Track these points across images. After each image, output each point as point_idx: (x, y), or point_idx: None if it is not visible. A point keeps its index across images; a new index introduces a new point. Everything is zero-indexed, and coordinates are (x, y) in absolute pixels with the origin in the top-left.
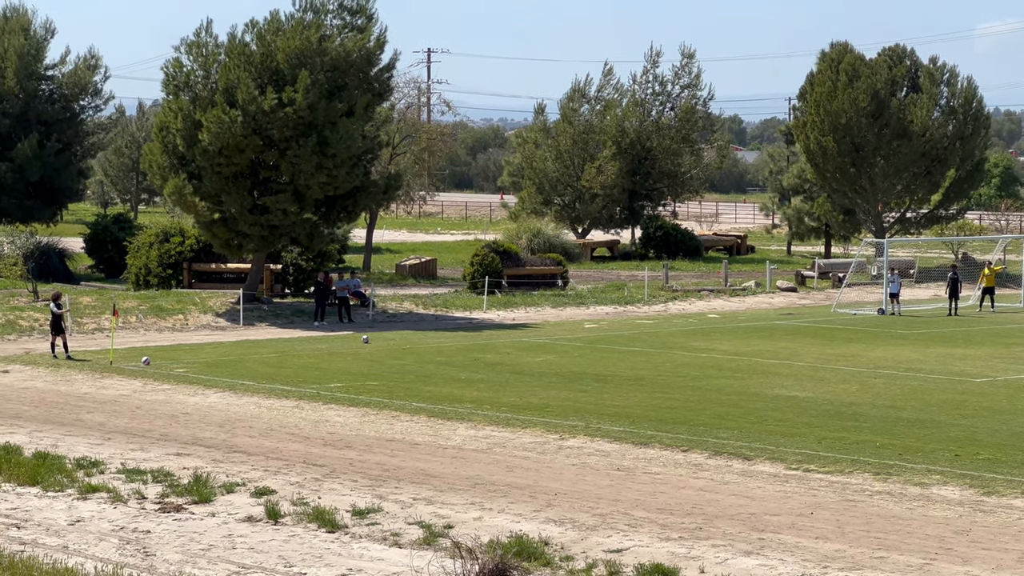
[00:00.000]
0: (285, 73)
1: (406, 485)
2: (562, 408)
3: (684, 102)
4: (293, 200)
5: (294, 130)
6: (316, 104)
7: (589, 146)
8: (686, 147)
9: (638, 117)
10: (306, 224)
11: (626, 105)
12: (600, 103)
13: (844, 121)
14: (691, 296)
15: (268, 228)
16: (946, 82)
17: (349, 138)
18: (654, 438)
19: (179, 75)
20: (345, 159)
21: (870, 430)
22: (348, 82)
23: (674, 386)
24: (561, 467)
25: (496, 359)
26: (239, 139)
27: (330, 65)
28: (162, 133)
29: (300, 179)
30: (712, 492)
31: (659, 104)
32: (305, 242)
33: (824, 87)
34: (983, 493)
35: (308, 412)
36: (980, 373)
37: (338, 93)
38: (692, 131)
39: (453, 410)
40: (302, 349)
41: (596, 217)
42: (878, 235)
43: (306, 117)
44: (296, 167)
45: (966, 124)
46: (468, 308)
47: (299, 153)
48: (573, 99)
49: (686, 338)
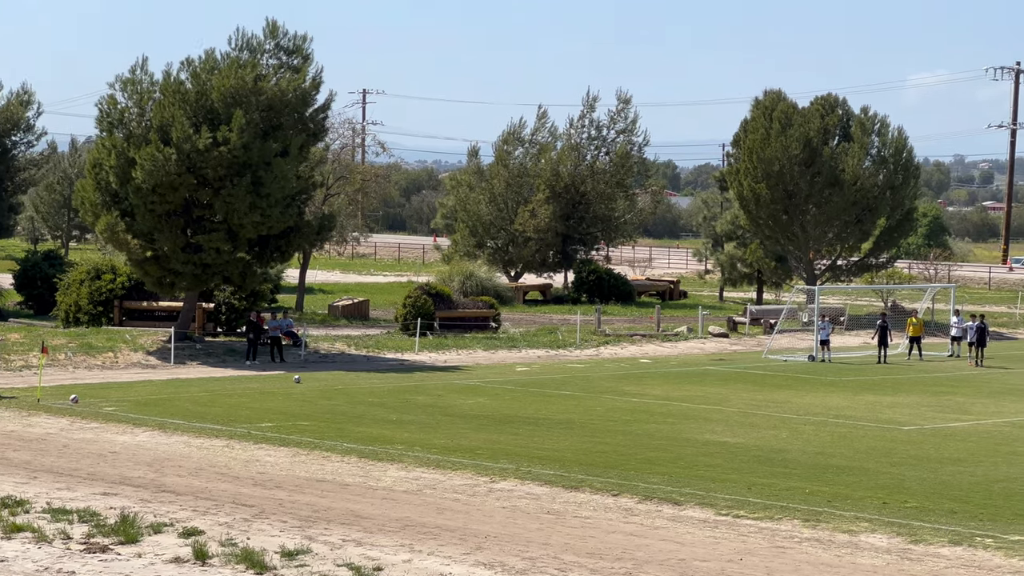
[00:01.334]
0: (220, 112)
1: (336, 526)
2: (493, 451)
3: (619, 147)
4: (226, 239)
5: (228, 169)
6: (251, 143)
7: (523, 189)
8: (620, 192)
9: (573, 161)
10: (239, 263)
11: (561, 149)
12: (535, 146)
13: (777, 168)
14: (623, 340)
15: (201, 267)
16: (877, 132)
17: (283, 178)
18: (585, 482)
19: (113, 112)
20: (279, 199)
21: (800, 476)
22: (283, 122)
23: (605, 430)
24: (491, 510)
25: (428, 401)
26: (173, 177)
27: (265, 105)
28: (95, 170)
29: (234, 218)
30: (642, 537)
31: (594, 148)
32: (238, 281)
33: (757, 134)
34: (910, 541)
35: (239, 452)
36: (908, 421)
37: (273, 133)
38: (626, 176)
39: (384, 451)
40: (233, 388)
41: (529, 260)
42: (809, 282)
43: (240, 156)
44: (230, 206)
45: (896, 174)
46: (400, 349)
47: (233, 192)
48: (507, 142)
49: (618, 382)
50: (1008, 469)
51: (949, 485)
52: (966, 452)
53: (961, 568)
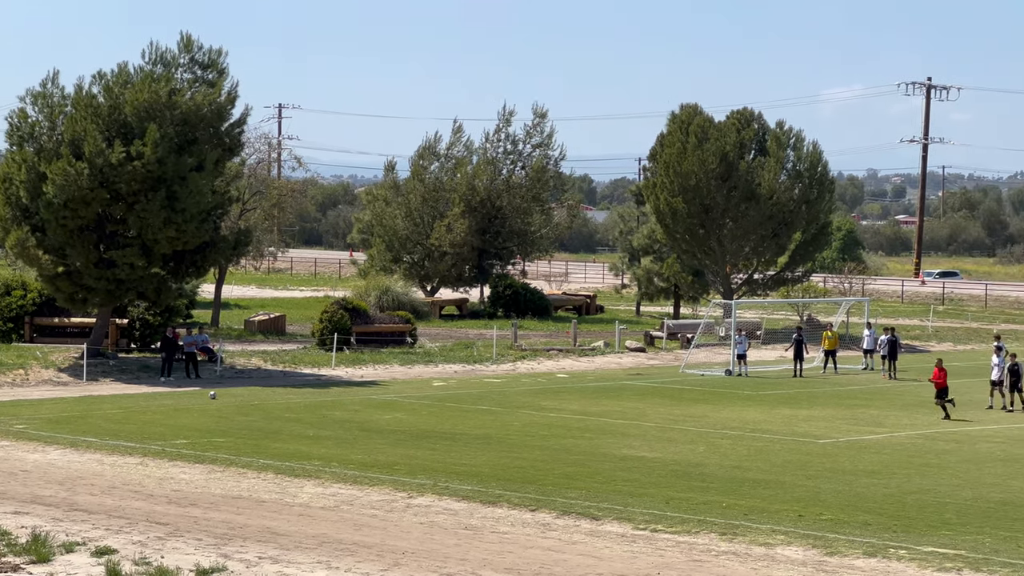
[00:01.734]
0: (134, 126)
1: (252, 543)
2: (410, 466)
3: (535, 161)
4: (141, 254)
5: (142, 184)
6: (165, 158)
7: (439, 204)
8: (536, 206)
9: (489, 175)
10: (154, 279)
11: (477, 163)
12: (450, 161)
13: (693, 182)
14: (540, 355)
15: (114, 282)
16: (792, 146)
17: (199, 193)
18: (502, 497)
19: (24, 126)
20: (194, 214)
21: (717, 490)
22: (198, 136)
23: (523, 445)
24: (409, 525)
25: (344, 416)
26: (85, 192)
27: (180, 119)
28: (4, 184)
29: (148, 233)
30: (560, 552)
31: (510, 163)
32: (152, 297)
33: (674, 148)
34: (826, 553)
35: (153, 469)
36: (824, 434)
37: (188, 147)
38: (543, 190)
39: (300, 467)
40: (148, 405)
41: (445, 275)
42: (726, 296)
43: (155, 171)
44: (144, 221)
45: (811, 188)
46: (317, 365)
47: (147, 207)
48: (423, 156)
49: (535, 397)
50: (921, 481)
51: (864, 497)
52: (880, 464)
53: None
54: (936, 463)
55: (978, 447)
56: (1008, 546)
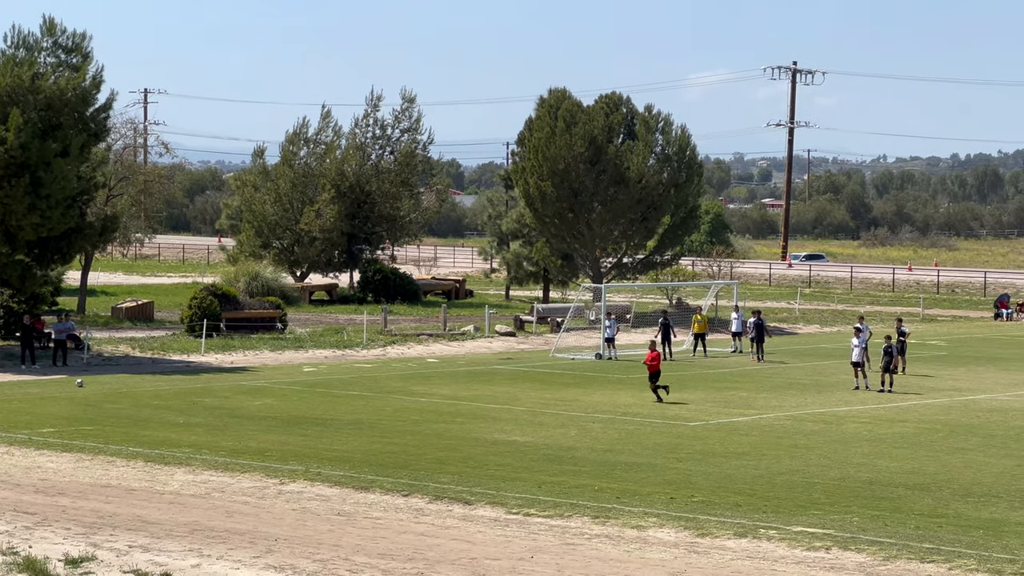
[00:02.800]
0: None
1: (122, 532)
2: (281, 452)
3: (404, 146)
4: (4, 241)
5: (5, 170)
6: (29, 143)
7: (308, 189)
8: (405, 191)
9: (358, 161)
10: (18, 266)
11: (346, 148)
12: (320, 146)
13: (562, 166)
14: (410, 340)
15: None
16: (661, 130)
17: (64, 179)
18: (375, 483)
19: None
20: (59, 200)
21: (588, 474)
22: (63, 121)
23: (394, 430)
24: (281, 512)
25: (214, 403)
26: None
27: (44, 104)
28: None
29: (12, 220)
30: (433, 537)
31: (379, 148)
32: (17, 284)
33: (543, 132)
34: (697, 535)
35: (19, 458)
36: (694, 417)
37: (52, 132)
38: (411, 175)
39: (171, 454)
40: (12, 393)
41: (315, 260)
42: (596, 280)
43: (18, 157)
44: (7, 207)
45: (680, 171)
46: (186, 351)
47: (11, 193)
48: (292, 142)
49: (405, 382)
50: (790, 462)
51: (734, 479)
52: (750, 446)
53: (746, 559)
54: (804, 444)
55: (845, 427)
56: (875, 524)
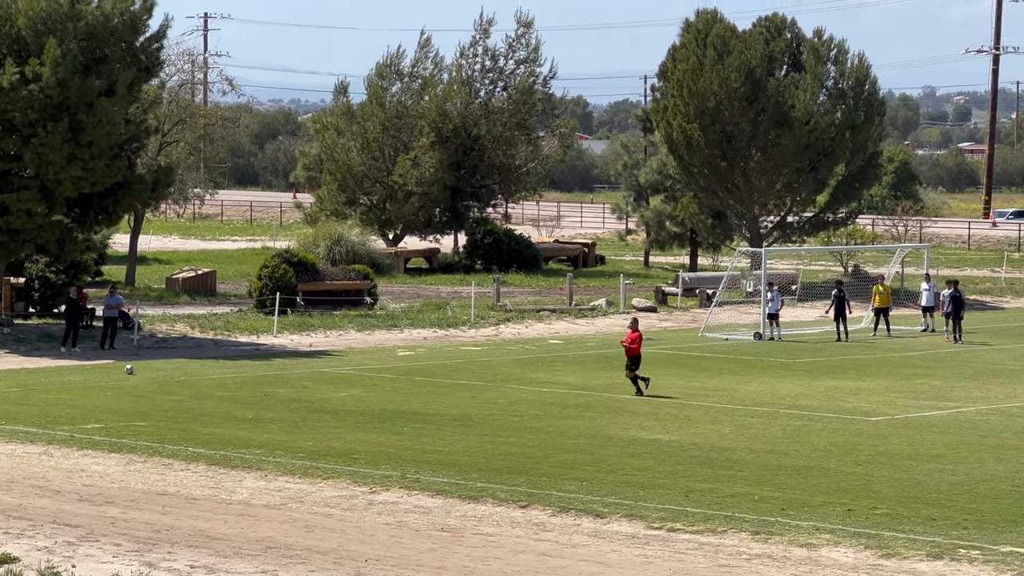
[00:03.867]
0: (29, 42)
1: (181, 549)
2: (372, 454)
3: (520, 81)
4: (39, 198)
5: (40, 113)
6: (68, 81)
7: (403, 133)
8: (521, 135)
9: (463, 98)
10: (55, 228)
11: (448, 83)
12: (416, 81)
13: (713, 105)
14: (528, 317)
15: (8, 232)
16: (834, 60)
17: (109, 123)
18: (485, 491)
19: None
20: (104, 149)
21: (747, 480)
22: (108, 54)
23: (509, 428)
24: (372, 527)
25: (290, 394)
26: None
27: (85, 33)
28: None
29: (48, 173)
30: (557, 557)
31: (489, 83)
32: (54, 250)
33: (689, 64)
34: (881, 555)
35: (59, 460)
36: (875, 411)
37: (95, 67)
38: (529, 116)
39: (239, 457)
40: (51, 382)
41: (411, 220)
42: (754, 243)
43: (55, 97)
44: (43, 158)
45: (857, 110)
46: (255, 331)
47: (47, 141)
48: (383, 76)
49: (523, 369)
50: (996, 466)
51: (926, 487)
52: (945, 447)
53: None
54: (1015, 444)
55: None
56: None
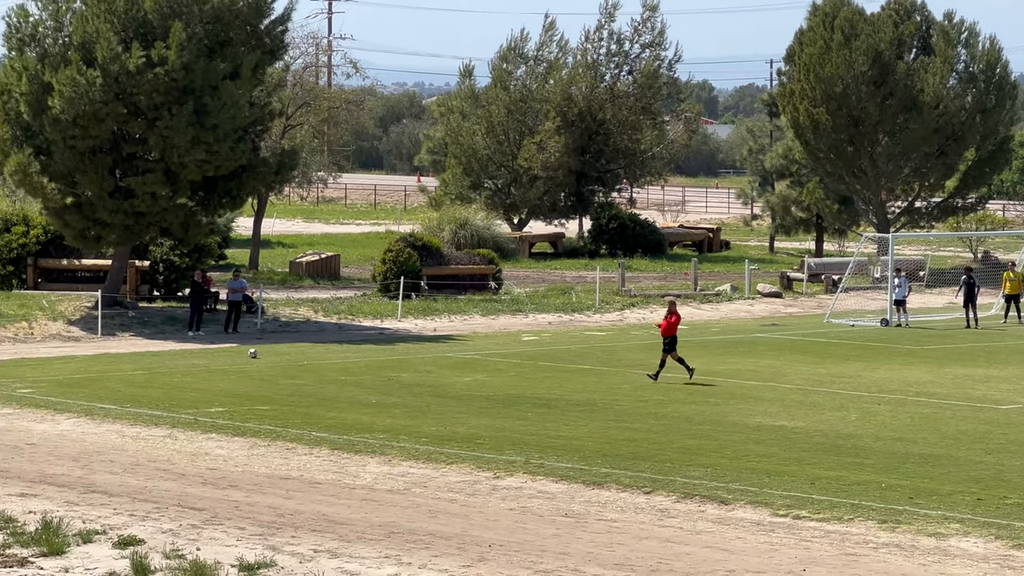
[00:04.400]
0: (155, 26)
1: (305, 534)
2: (496, 439)
3: (645, 64)
4: (164, 182)
5: (166, 96)
6: (193, 64)
7: (528, 117)
8: (647, 119)
9: (588, 82)
10: (180, 211)
11: (574, 67)
12: (541, 64)
13: (840, 89)
14: (653, 302)
15: (133, 216)
16: (964, 43)
17: (234, 106)
18: (609, 477)
19: (24, 26)
20: (228, 132)
21: (873, 468)
22: (232, 37)
23: (633, 413)
24: (495, 512)
25: (414, 379)
26: (98, 106)
27: (210, 16)
28: (2, 98)
29: (173, 156)
30: (682, 544)
31: (614, 67)
32: (179, 233)
33: (816, 47)
34: (1012, 546)
35: (183, 443)
36: (1006, 399)
37: (220, 51)
38: (654, 100)
39: (362, 441)
40: (175, 365)
41: (536, 205)
42: (881, 229)
43: (180, 80)
44: (168, 141)
45: (988, 94)
46: (379, 315)
47: (172, 124)
48: (507, 59)
49: (647, 354)
50: None
51: None
52: None
53: None
54: None
55: None
56: None
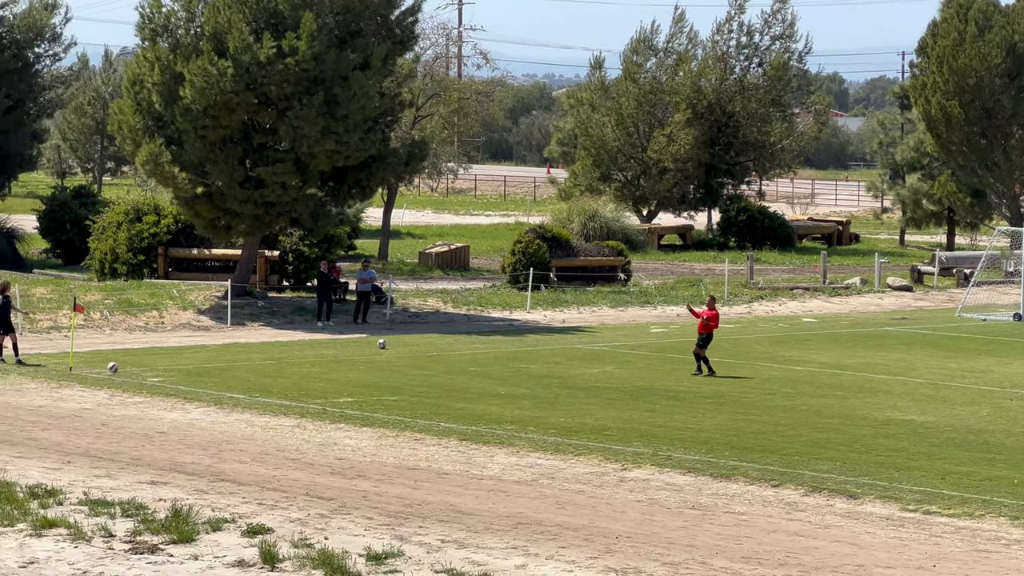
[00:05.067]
0: (286, 16)
1: (433, 524)
2: (624, 431)
3: (775, 57)
4: (294, 172)
5: (296, 86)
6: (323, 54)
7: (657, 109)
8: (777, 112)
9: (718, 75)
10: (309, 201)
11: (703, 59)
12: (671, 56)
13: (973, 82)
14: (781, 295)
15: (263, 206)
16: None
17: (364, 96)
18: (737, 469)
19: (157, 17)
20: (358, 122)
21: (1006, 464)
22: (363, 28)
23: (761, 406)
24: (623, 504)
25: (543, 370)
26: (229, 96)
27: (341, 6)
28: (134, 88)
29: (303, 146)
30: (809, 538)
31: (744, 59)
32: (308, 223)
33: (949, 39)
34: None
35: (312, 433)
36: None
37: (351, 41)
38: (784, 92)
39: (490, 432)
40: (304, 356)
41: (665, 197)
42: (1014, 222)
43: (311, 70)
44: (298, 131)
45: None
46: (508, 307)
47: (302, 114)
48: (637, 51)
49: (775, 347)
50: None
51: None
52: None
53: None
54: None
55: None
56: None
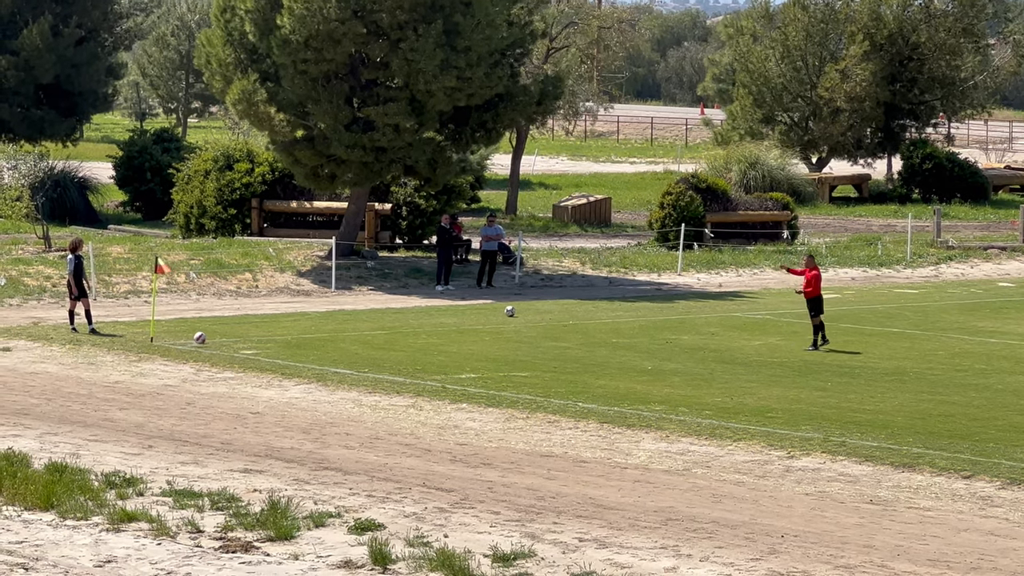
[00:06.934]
0: None
1: (569, 520)
2: (790, 413)
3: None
4: (408, 112)
5: (411, 13)
6: None
7: (830, 41)
8: (968, 43)
9: (900, 0)
10: (426, 146)
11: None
12: None
13: None
14: (974, 256)
15: (372, 151)
16: None
17: (489, 25)
18: (922, 458)
19: None
20: (483, 55)
21: None
22: None
23: (950, 384)
24: (789, 497)
25: (696, 342)
26: (334, 25)
27: None
28: (225, 16)
29: (418, 83)
30: (1007, 537)
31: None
32: (425, 172)
33: None
34: None
35: (429, 414)
36: None
37: None
38: (977, 20)
39: (635, 414)
40: (421, 325)
41: (838, 142)
42: None
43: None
44: (413, 66)
45: None
46: (656, 269)
47: (417, 46)
48: None
49: (966, 315)
50: None
51: None
52: None
53: None
54: None
55: None
56: None
